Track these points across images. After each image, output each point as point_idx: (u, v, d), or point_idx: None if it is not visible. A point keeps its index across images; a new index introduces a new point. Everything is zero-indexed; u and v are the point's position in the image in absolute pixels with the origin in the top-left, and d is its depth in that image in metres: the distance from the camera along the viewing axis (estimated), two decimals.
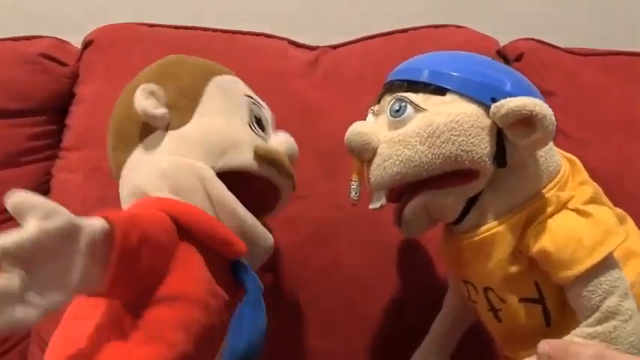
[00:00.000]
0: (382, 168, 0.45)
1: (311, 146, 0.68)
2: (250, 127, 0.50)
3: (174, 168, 0.46)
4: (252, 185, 0.49)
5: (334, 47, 0.79)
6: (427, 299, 0.61)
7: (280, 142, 0.53)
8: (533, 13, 0.95)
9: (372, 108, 0.50)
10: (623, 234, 0.43)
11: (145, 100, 0.46)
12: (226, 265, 0.46)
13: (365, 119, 0.49)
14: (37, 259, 0.30)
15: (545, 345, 0.37)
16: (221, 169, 0.47)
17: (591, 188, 0.47)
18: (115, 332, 0.39)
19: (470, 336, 0.59)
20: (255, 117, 0.51)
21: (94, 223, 0.34)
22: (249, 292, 0.45)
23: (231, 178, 0.47)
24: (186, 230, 0.42)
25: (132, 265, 0.36)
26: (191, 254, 0.43)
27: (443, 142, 0.43)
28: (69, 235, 0.32)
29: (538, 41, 0.80)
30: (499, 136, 0.44)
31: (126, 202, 0.49)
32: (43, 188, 0.72)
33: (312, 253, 0.65)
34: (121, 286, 0.36)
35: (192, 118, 0.48)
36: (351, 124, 0.48)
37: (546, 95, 0.74)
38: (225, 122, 0.49)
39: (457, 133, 0.43)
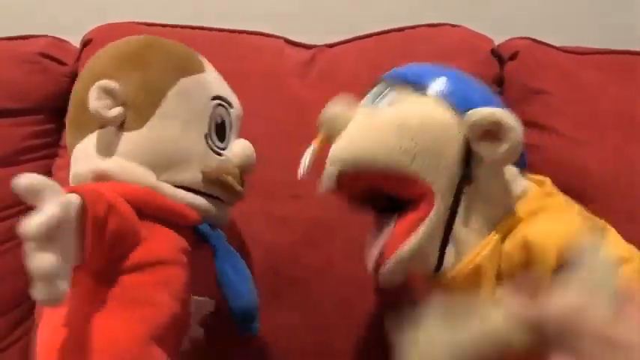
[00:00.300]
0: (348, 139, 0.46)
1: (306, 146, 0.68)
2: (207, 139, 0.49)
3: (118, 170, 0.46)
4: None
5: (330, 46, 0.79)
6: None
7: (236, 152, 0.52)
8: (528, 12, 0.95)
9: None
10: None
11: (98, 100, 0.45)
12: (186, 227, 0.47)
13: None
14: (57, 237, 0.31)
15: None
16: (165, 181, 0.47)
17: (561, 197, 0.48)
18: (95, 306, 0.40)
19: None
20: (217, 123, 0.50)
21: (74, 197, 0.35)
22: (219, 250, 0.47)
23: None
24: (137, 209, 0.43)
25: (101, 234, 0.37)
26: (155, 225, 0.44)
27: (411, 137, 0.44)
28: (69, 209, 0.33)
29: (533, 40, 0.79)
30: (467, 154, 0.44)
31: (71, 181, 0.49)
32: None
33: (305, 254, 0.65)
34: (94, 257, 0.37)
35: (149, 121, 0.47)
36: None
37: (541, 94, 0.74)
38: (180, 133, 0.48)
39: (427, 131, 0.44)
